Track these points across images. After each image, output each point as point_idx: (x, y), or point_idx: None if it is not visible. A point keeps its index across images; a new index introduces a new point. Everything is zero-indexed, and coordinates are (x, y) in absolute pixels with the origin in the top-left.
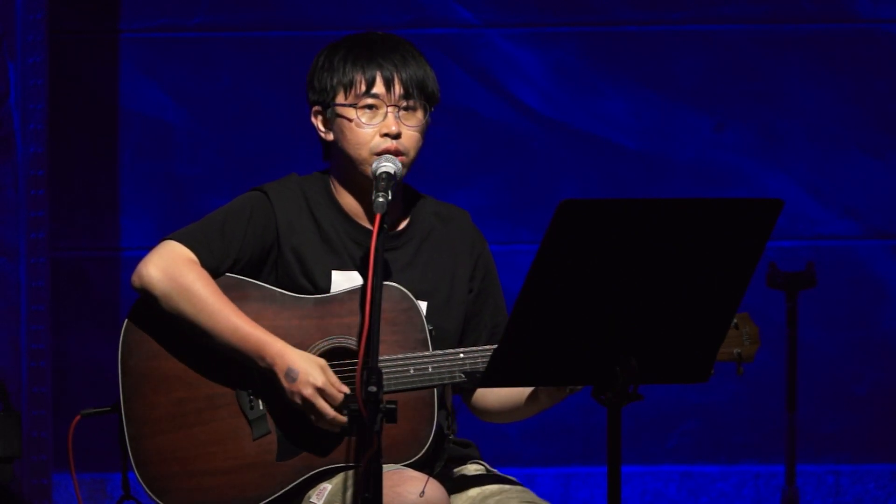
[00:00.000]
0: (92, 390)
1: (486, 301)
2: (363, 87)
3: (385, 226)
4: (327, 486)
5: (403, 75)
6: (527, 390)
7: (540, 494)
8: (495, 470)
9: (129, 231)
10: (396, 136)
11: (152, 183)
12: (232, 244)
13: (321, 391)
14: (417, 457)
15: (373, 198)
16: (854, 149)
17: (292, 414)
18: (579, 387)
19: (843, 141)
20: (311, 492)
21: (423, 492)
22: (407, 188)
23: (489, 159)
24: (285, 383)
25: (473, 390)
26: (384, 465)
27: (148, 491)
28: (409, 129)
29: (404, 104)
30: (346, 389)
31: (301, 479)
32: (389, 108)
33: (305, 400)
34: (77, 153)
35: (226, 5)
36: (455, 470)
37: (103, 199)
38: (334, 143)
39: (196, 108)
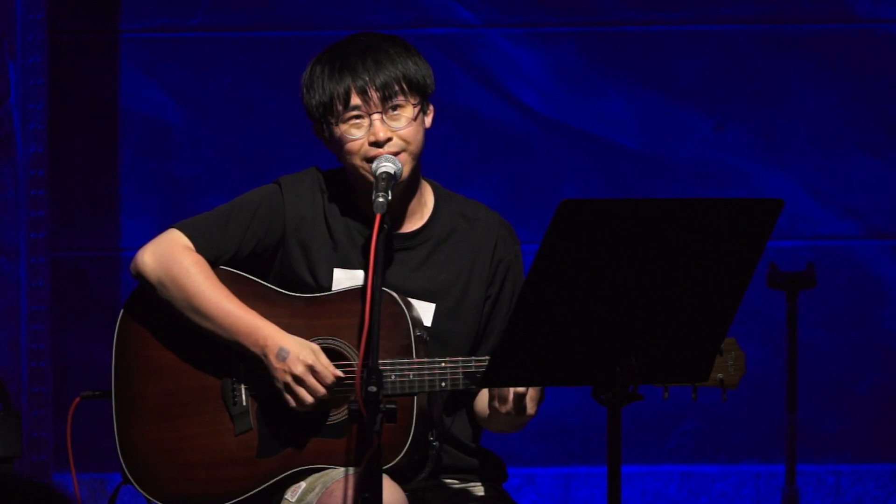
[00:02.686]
0: (90, 389)
1: (501, 308)
2: (341, 104)
3: (385, 225)
4: (302, 485)
5: (378, 80)
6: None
7: (540, 494)
8: (510, 497)
9: (129, 231)
10: (385, 142)
11: (152, 183)
12: (233, 237)
13: (311, 368)
14: (392, 463)
15: (373, 198)
16: (854, 149)
17: (275, 412)
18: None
19: (843, 141)
20: (287, 489)
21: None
22: (434, 187)
23: (489, 159)
24: (276, 363)
25: (475, 397)
26: (349, 469)
27: (130, 479)
28: (401, 129)
29: (388, 106)
30: (339, 373)
31: (279, 477)
32: (373, 116)
33: (296, 377)
34: (77, 153)
35: (226, 5)
36: (464, 485)
37: (103, 199)
38: (338, 156)
39: (196, 108)
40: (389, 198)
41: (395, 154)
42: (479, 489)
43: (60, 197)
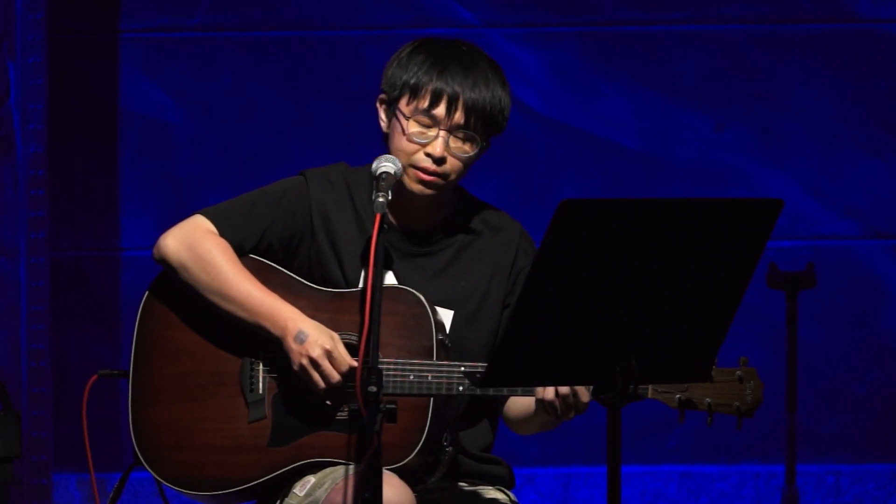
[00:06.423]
0: (92, 390)
1: None
2: (426, 103)
3: (385, 225)
4: (311, 479)
5: (468, 101)
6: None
7: (540, 494)
8: (518, 502)
9: (129, 231)
10: (439, 161)
11: (152, 183)
12: (257, 224)
13: (329, 353)
14: (403, 462)
15: (372, 198)
16: (854, 149)
17: (291, 402)
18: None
19: (843, 141)
20: (296, 482)
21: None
22: (461, 193)
23: (489, 159)
24: (294, 346)
25: (503, 403)
26: (356, 467)
27: (141, 458)
28: (455, 158)
29: (460, 133)
30: (354, 362)
31: (288, 468)
32: (442, 132)
33: (313, 361)
34: (77, 153)
35: (226, 5)
36: (473, 488)
37: (103, 199)
38: (388, 135)
39: (196, 108)
40: (389, 198)
41: (439, 177)
42: (488, 493)
43: (60, 197)
